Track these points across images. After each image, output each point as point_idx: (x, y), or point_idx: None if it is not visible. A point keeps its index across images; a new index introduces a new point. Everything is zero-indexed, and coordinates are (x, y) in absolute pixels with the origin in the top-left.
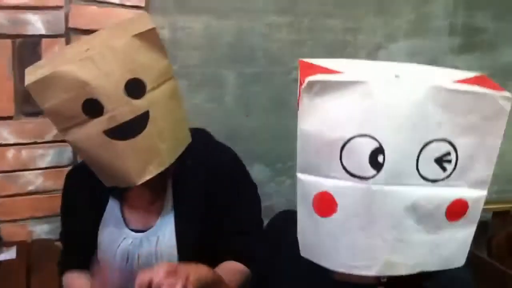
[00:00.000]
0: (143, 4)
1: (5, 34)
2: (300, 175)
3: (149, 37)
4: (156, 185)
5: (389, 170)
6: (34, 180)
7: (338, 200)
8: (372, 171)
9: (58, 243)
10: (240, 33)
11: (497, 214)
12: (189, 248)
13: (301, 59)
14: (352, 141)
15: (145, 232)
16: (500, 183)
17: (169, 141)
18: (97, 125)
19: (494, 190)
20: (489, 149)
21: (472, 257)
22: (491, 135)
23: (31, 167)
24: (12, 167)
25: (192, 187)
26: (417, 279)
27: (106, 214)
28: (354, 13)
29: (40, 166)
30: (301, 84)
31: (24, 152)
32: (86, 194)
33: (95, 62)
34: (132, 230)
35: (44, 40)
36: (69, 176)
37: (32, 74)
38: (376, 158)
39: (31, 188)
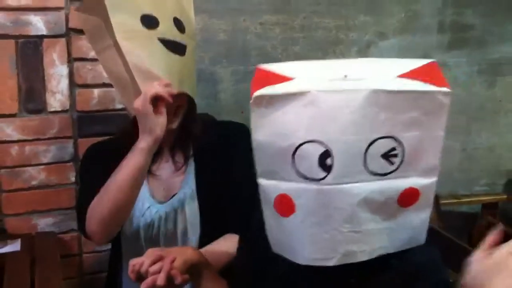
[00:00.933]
0: None
1: (8, 35)
2: (260, 180)
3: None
4: (179, 158)
5: (338, 171)
6: (37, 175)
7: (295, 201)
8: (323, 173)
9: (62, 236)
10: (235, 32)
11: (486, 206)
12: (211, 215)
13: (258, 66)
14: (301, 147)
15: (169, 201)
16: (489, 176)
17: (189, 79)
18: (154, 33)
19: (483, 183)
20: (433, 141)
21: (453, 245)
22: (434, 128)
23: (34, 163)
24: (16, 162)
25: (212, 158)
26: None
27: None
28: (346, 12)
29: (43, 161)
30: (251, 94)
31: (27, 148)
32: (109, 167)
33: None
34: (156, 200)
35: (45, 40)
36: (91, 150)
37: None
38: (324, 161)
39: (34, 183)
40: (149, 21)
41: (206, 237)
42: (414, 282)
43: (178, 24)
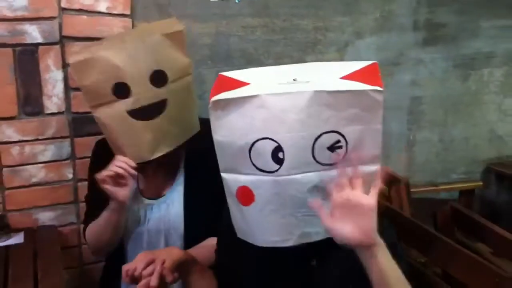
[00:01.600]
0: (128, 12)
1: (6, 44)
2: (223, 174)
3: (176, 37)
4: (170, 163)
5: (289, 163)
6: (37, 173)
7: (254, 191)
8: (276, 166)
9: (61, 229)
10: (218, 36)
11: (463, 193)
12: (195, 217)
13: (220, 73)
14: (256, 144)
15: (156, 200)
16: (466, 165)
17: (180, 126)
18: (122, 105)
19: (460, 171)
20: (373, 133)
21: (418, 229)
22: (373, 122)
23: (34, 161)
24: (17, 162)
25: (202, 166)
26: None
27: None
28: (323, 14)
29: (42, 160)
30: (209, 99)
31: (27, 148)
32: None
33: (128, 52)
34: (146, 198)
35: (41, 48)
36: (97, 145)
37: (75, 56)
38: (277, 155)
39: (34, 180)
40: (120, 91)
41: (190, 239)
42: None
43: (157, 78)
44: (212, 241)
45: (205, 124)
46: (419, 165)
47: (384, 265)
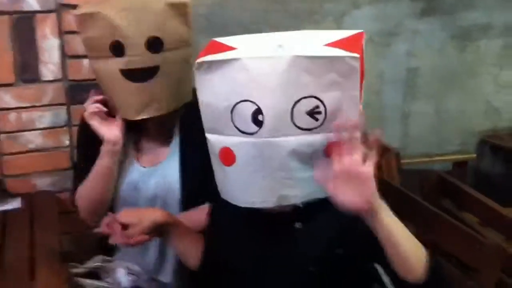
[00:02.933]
0: None
1: (3, 11)
2: (207, 135)
3: (180, 8)
4: (164, 131)
5: (269, 126)
6: (34, 140)
7: (235, 152)
8: (255, 128)
9: (59, 194)
10: (214, 6)
11: (456, 164)
12: (191, 183)
13: (213, 39)
14: (237, 106)
15: (153, 167)
16: (461, 137)
17: (170, 94)
18: (117, 63)
19: (456, 143)
20: (351, 100)
21: (404, 198)
22: (350, 89)
23: (31, 128)
24: (14, 128)
25: (196, 132)
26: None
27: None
28: None
29: (39, 126)
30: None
31: (24, 115)
32: None
33: (129, 15)
34: (142, 166)
35: (38, 16)
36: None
37: (81, 9)
38: (257, 118)
39: (31, 146)
40: (117, 49)
41: (187, 204)
42: (354, 222)
43: (153, 44)
44: (205, 207)
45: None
46: (414, 137)
47: (390, 225)
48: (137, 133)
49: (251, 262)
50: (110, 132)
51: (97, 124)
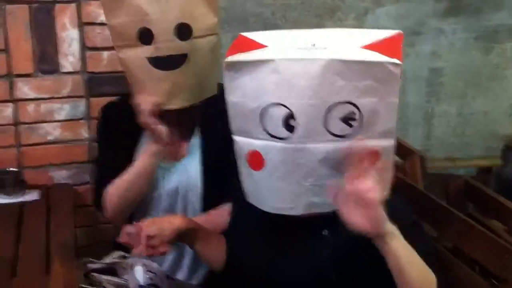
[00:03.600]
0: None
1: (23, 0)
2: (235, 137)
3: None
4: (185, 126)
5: (300, 131)
6: (53, 131)
7: (264, 156)
8: (287, 133)
9: (76, 187)
10: None
11: (480, 169)
12: (212, 180)
13: (241, 33)
14: (268, 108)
15: (173, 164)
16: (484, 139)
17: (197, 84)
18: (144, 51)
19: (479, 145)
20: (388, 107)
21: (430, 203)
22: (388, 96)
23: (50, 120)
24: (33, 119)
25: (218, 128)
26: None
27: (140, 146)
28: None
29: (58, 118)
30: (226, 57)
31: (43, 106)
32: (123, 126)
33: (159, 1)
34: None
35: (57, 6)
36: (105, 109)
37: None
38: (288, 122)
39: (50, 138)
40: (144, 36)
41: (208, 201)
42: None
43: (181, 31)
44: (228, 206)
45: (221, 88)
46: (437, 139)
47: (398, 251)
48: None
49: (271, 266)
50: (160, 134)
51: (155, 126)
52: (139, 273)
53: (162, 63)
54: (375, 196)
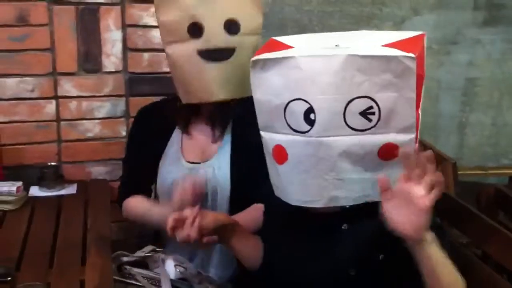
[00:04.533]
0: None
1: (70, 1)
2: (262, 133)
3: None
4: (219, 123)
5: (321, 125)
6: (92, 128)
7: (287, 150)
8: (307, 127)
9: (112, 183)
10: (274, 4)
11: None
12: (241, 182)
13: (273, 37)
14: (290, 104)
15: (202, 164)
16: None
17: (241, 79)
18: (194, 44)
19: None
20: (407, 101)
21: (460, 208)
22: (405, 89)
23: (90, 117)
24: (74, 116)
25: (249, 129)
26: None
27: (168, 148)
28: None
29: (98, 116)
30: None
31: (84, 104)
32: (153, 128)
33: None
34: (189, 162)
35: (102, 8)
36: (140, 112)
37: None
38: (309, 116)
39: (89, 135)
40: (195, 30)
41: (236, 202)
42: None
43: (230, 26)
44: (257, 206)
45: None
46: (470, 148)
47: (431, 257)
48: (186, 125)
49: (295, 259)
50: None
51: None
52: (170, 267)
53: (211, 55)
54: (427, 203)
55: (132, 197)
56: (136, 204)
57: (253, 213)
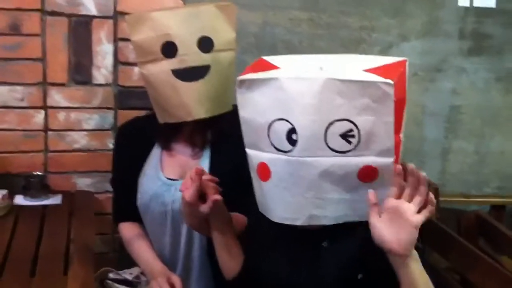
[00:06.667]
0: None
1: (63, 13)
2: (247, 150)
3: (227, 11)
4: (197, 141)
5: (302, 145)
6: (80, 140)
7: (271, 168)
8: (289, 146)
9: (98, 195)
10: (265, 25)
11: (494, 207)
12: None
13: (262, 57)
14: (273, 123)
15: (180, 179)
16: (500, 179)
17: (218, 96)
18: (168, 64)
19: (494, 185)
20: (385, 125)
21: (441, 233)
22: (384, 114)
23: (78, 128)
24: (62, 127)
25: (228, 149)
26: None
27: (147, 163)
28: (370, 13)
29: (86, 128)
30: None
31: (73, 115)
32: (133, 145)
33: (181, 16)
34: (169, 179)
35: (95, 20)
36: (120, 130)
37: (132, 14)
38: (291, 136)
39: (77, 146)
40: (168, 50)
41: None
42: (377, 249)
43: (204, 43)
44: (236, 217)
45: (234, 109)
46: (452, 175)
47: (415, 274)
48: (166, 142)
49: (280, 277)
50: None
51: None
52: None
53: (186, 74)
54: (418, 220)
55: (131, 226)
56: (138, 246)
57: (237, 217)
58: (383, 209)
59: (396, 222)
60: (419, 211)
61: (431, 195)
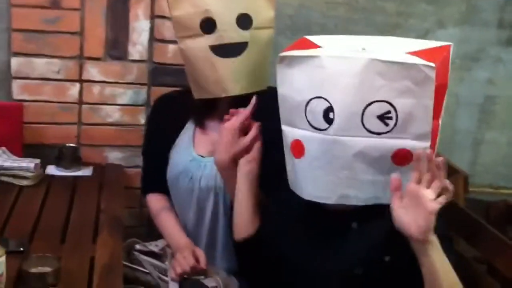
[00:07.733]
0: None
1: None
2: (283, 126)
3: None
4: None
5: (338, 124)
6: (113, 114)
7: (305, 145)
8: (326, 125)
9: (127, 170)
10: (301, 8)
11: None
12: None
13: (305, 36)
14: (311, 101)
15: (210, 157)
16: None
17: (254, 73)
18: (207, 40)
19: None
20: (424, 109)
21: (469, 220)
22: (424, 97)
23: (112, 102)
24: (97, 100)
25: (263, 126)
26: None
27: (180, 137)
28: None
29: (119, 102)
30: None
31: (107, 89)
32: (168, 118)
33: None
34: (199, 155)
35: None
36: (157, 101)
37: None
38: (328, 115)
39: (110, 120)
40: (207, 26)
41: None
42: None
43: (243, 20)
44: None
45: (270, 90)
46: (483, 166)
47: (435, 262)
48: (200, 119)
49: (303, 255)
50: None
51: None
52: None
53: (224, 50)
54: (434, 207)
55: (158, 198)
56: (165, 218)
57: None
58: (405, 196)
59: (415, 208)
60: (437, 197)
61: (447, 182)
